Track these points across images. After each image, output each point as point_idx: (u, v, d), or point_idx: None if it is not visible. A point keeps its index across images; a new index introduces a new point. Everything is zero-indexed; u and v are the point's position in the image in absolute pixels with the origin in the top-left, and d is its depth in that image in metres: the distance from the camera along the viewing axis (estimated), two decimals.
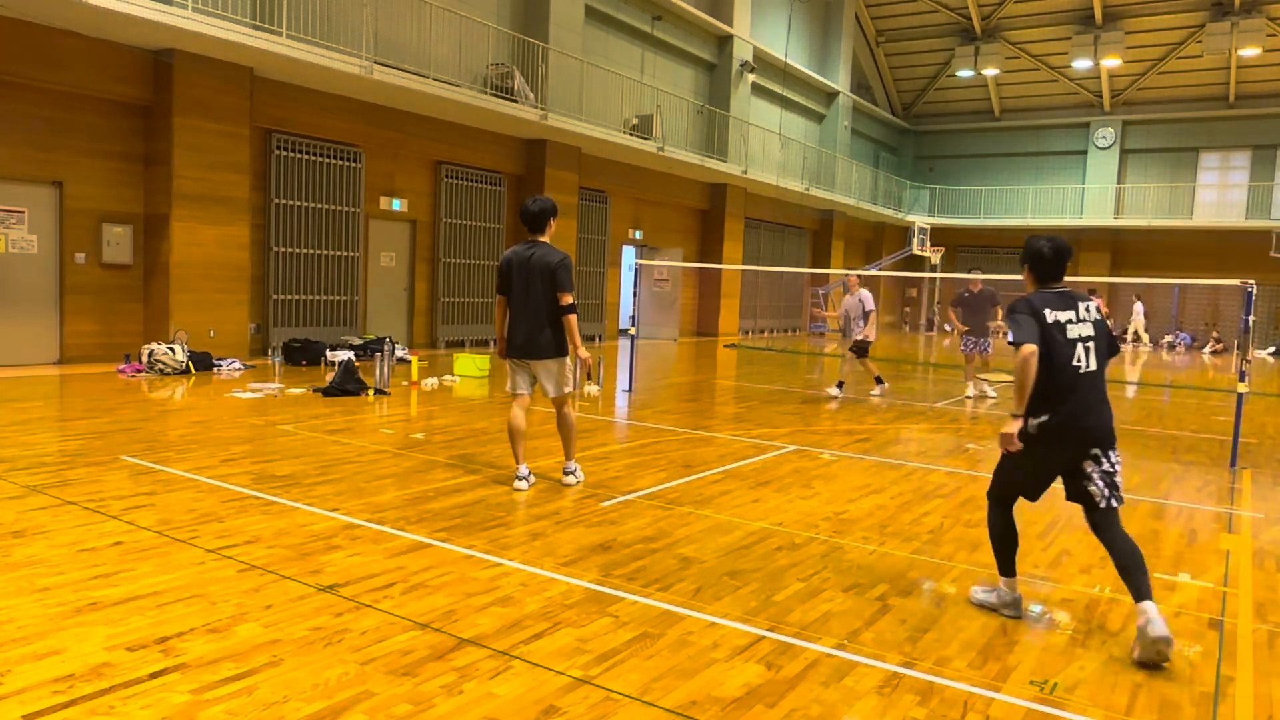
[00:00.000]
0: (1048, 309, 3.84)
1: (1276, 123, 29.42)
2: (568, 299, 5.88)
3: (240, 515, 5.08)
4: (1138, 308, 28.61)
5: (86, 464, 6.16)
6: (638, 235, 21.91)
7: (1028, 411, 3.79)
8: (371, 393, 10.11)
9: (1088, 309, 3.91)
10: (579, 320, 6.03)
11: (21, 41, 10.55)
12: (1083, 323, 3.87)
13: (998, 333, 11.72)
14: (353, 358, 10.64)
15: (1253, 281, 8.30)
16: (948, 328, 28.14)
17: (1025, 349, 3.73)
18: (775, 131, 25.74)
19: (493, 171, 17.16)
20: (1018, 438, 3.80)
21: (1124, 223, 31.29)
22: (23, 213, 11.12)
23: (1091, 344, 3.85)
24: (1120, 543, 3.79)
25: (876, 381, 12.19)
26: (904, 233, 32.02)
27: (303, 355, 12.85)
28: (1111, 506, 3.84)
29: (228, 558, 4.35)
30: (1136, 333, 28.51)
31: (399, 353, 13.38)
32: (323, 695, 3.00)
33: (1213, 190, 30.78)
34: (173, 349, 11.24)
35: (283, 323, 13.66)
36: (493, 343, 17.01)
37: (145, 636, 3.38)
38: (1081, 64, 29.80)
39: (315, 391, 10.12)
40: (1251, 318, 8.13)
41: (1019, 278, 4.17)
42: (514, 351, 6.04)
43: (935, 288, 33.26)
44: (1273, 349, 26.12)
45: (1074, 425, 3.79)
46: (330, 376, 10.56)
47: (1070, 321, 3.84)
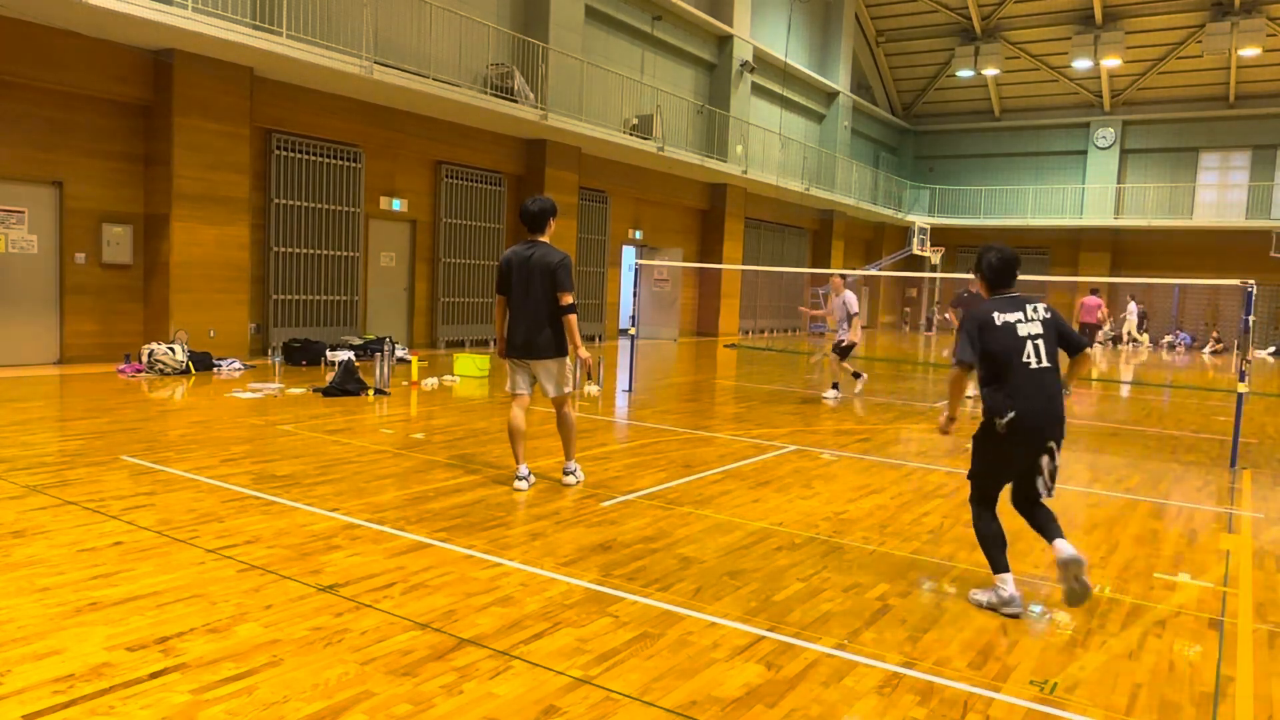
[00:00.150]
0: (996, 313, 4.19)
1: (1276, 123, 29.42)
2: (568, 299, 5.88)
3: (240, 515, 5.09)
4: (1131, 307, 28.62)
5: (86, 464, 6.16)
6: (638, 235, 21.90)
7: (994, 411, 4.13)
8: (371, 393, 10.11)
9: (1035, 309, 4.22)
10: (579, 320, 6.03)
11: (21, 41, 10.56)
12: (1031, 322, 4.18)
13: None
14: (353, 358, 10.64)
15: (1253, 281, 8.31)
16: (947, 316, 28.16)
17: (953, 372, 4.28)
18: (775, 131, 25.75)
19: (493, 171, 17.16)
20: (987, 439, 4.24)
21: (1124, 223, 31.30)
22: (23, 213, 11.13)
23: (1041, 341, 4.15)
24: (1042, 510, 4.26)
25: (855, 375, 12.18)
26: (904, 233, 32.02)
27: (303, 355, 12.85)
28: (1048, 497, 4.24)
29: (228, 558, 4.35)
30: (1130, 333, 28.50)
31: (399, 353, 13.38)
32: (323, 695, 3.00)
33: (1213, 190, 30.77)
34: (173, 349, 11.24)
35: (283, 323, 13.66)
36: (492, 343, 17.01)
37: (145, 636, 3.38)
38: (1081, 64, 29.80)
39: (315, 391, 10.12)
40: (1251, 318, 8.13)
41: (1020, 278, 4.41)
42: (514, 351, 6.04)
43: (935, 288, 33.27)
44: (1273, 349, 26.12)
45: (1033, 418, 4.10)
46: (330, 376, 10.56)
47: (1019, 322, 4.17)
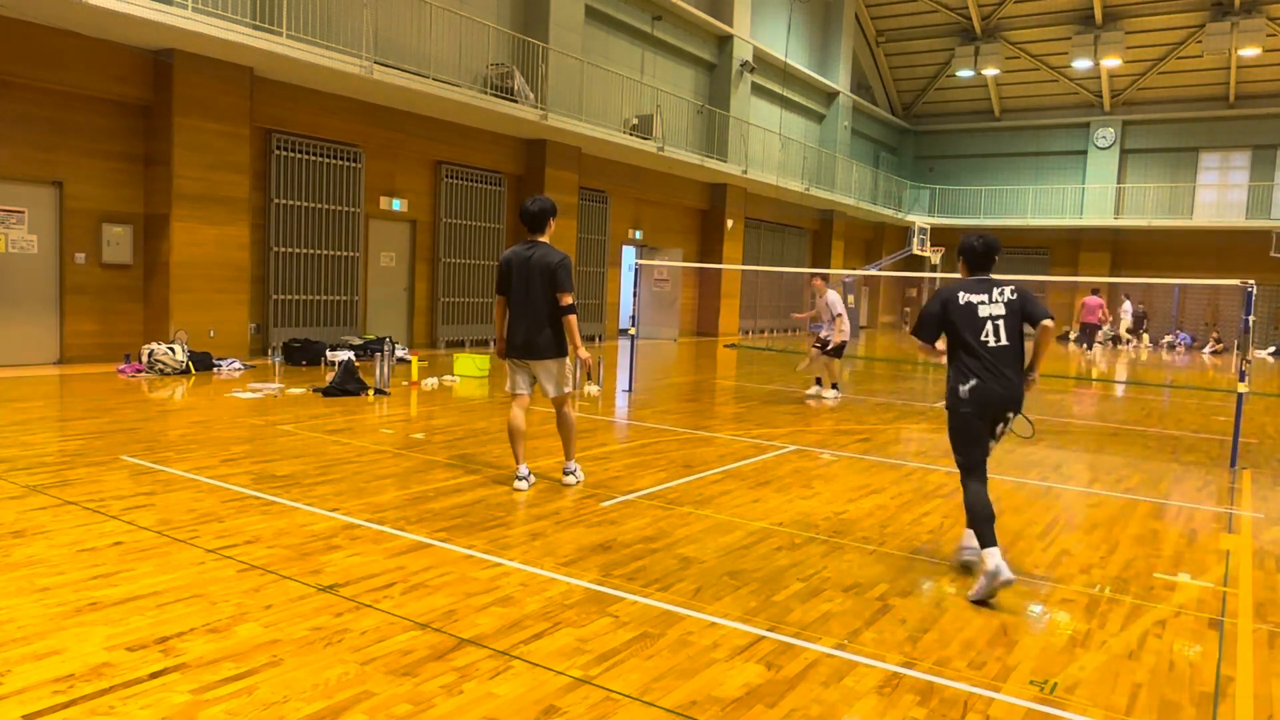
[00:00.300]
0: (962, 292, 4.55)
1: (1276, 123, 29.41)
2: (567, 299, 5.88)
3: (240, 515, 5.09)
4: (1126, 306, 28.60)
5: (86, 464, 6.16)
6: (638, 235, 21.90)
7: (957, 380, 4.52)
8: (371, 393, 10.11)
9: (1001, 293, 4.54)
10: (579, 320, 6.03)
11: (21, 41, 10.56)
12: (995, 304, 4.51)
13: None
14: (353, 358, 10.64)
15: (1253, 281, 8.31)
16: None
17: (916, 340, 4.74)
18: (775, 131, 25.74)
19: (493, 171, 17.16)
20: (952, 414, 4.58)
21: (1124, 223, 31.29)
22: (23, 213, 11.13)
23: (1001, 322, 4.48)
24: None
25: (816, 383, 12.10)
26: (904, 233, 32.00)
27: (303, 355, 12.85)
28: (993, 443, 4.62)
29: (228, 558, 4.35)
30: (1122, 333, 28.47)
31: (399, 353, 13.38)
32: (323, 695, 3.00)
33: (1213, 190, 30.76)
34: (173, 349, 11.24)
35: (283, 323, 13.66)
36: (492, 343, 17.01)
37: (145, 636, 3.38)
38: (1081, 64, 29.79)
39: (315, 391, 10.12)
40: (1251, 318, 8.13)
41: (1019, 277, 4.66)
42: (513, 351, 6.04)
43: (935, 288, 33.21)
44: (1273, 349, 26.12)
45: (988, 389, 4.44)
46: (330, 376, 10.56)
47: (982, 303, 4.51)
